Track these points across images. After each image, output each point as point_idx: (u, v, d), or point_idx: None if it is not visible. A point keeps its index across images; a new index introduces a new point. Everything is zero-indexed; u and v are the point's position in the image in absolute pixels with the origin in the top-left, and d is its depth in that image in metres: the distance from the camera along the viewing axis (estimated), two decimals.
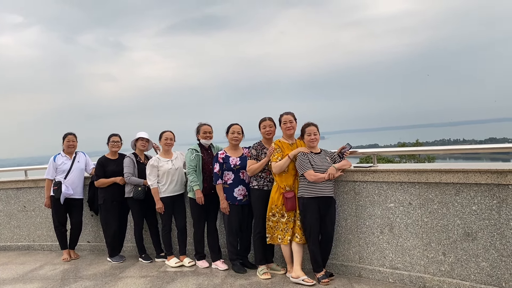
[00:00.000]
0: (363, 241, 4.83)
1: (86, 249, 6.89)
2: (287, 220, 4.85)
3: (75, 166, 6.43)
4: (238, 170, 5.29)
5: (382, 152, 5.49)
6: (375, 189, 4.70)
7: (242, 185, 5.30)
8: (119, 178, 6.02)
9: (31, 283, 5.44)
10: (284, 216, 4.85)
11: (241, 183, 5.30)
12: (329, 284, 4.65)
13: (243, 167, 5.26)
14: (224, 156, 5.31)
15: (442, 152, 5.25)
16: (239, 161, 5.28)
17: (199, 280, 5.10)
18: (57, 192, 6.19)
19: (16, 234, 7.31)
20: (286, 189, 4.84)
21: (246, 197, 5.29)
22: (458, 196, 4.14)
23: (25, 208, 7.23)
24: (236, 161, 5.27)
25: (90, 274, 5.65)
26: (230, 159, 5.29)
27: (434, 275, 4.33)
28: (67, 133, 6.55)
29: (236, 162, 5.27)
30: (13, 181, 7.32)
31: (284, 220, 4.85)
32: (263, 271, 5.06)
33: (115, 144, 6.27)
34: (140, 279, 5.29)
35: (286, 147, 4.95)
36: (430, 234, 4.34)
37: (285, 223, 4.85)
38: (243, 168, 5.26)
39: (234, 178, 5.29)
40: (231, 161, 5.27)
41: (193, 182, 5.41)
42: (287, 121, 4.97)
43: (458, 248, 4.17)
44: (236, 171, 5.28)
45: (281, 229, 4.87)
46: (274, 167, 4.82)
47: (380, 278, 4.69)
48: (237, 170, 5.29)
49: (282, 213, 4.86)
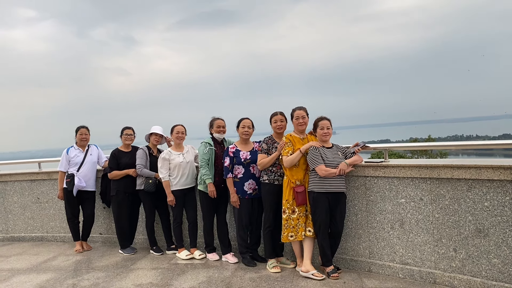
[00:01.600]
0: (373, 236, 4.82)
1: (98, 241, 6.98)
2: (298, 215, 4.83)
3: (88, 159, 6.52)
4: (249, 164, 5.31)
5: (393, 147, 5.45)
6: (386, 184, 4.68)
7: (252, 179, 5.32)
8: (132, 170, 6.09)
9: (45, 273, 5.53)
10: (294, 211, 4.84)
11: (251, 177, 5.32)
12: (339, 279, 4.65)
13: (253, 161, 5.28)
14: (234, 150, 5.34)
15: (454, 147, 5.22)
16: (250, 155, 5.31)
17: (209, 273, 5.14)
18: (70, 185, 6.28)
19: (30, 225, 7.43)
20: (297, 184, 4.83)
21: (256, 191, 5.32)
22: (470, 192, 4.11)
23: (38, 199, 7.34)
24: (246, 155, 5.30)
25: (102, 265, 5.73)
26: (241, 153, 5.31)
27: (445, 271, 4.32)
28: (80, 126, 6.63)
29: (246, 156, 5.29)
30: (27, 173, 7.43)
31: (295, 216, 4.83)
32: (273, 265, 5.09)
33: (128, 137, 6.34)
34: (151, 271, 5.35)
35: (297, 141, 4.93)
36: (441, 230, 4.32)
37: (296, 219, 4.83)
38: (254, 162, 5.28)
39: (244, 172, 5.32)
40: (242, 155, 5.30)
41: (205, 175, 5.46)
42: (299, 116, 4.96)
43: (469, 244, 4.15)
44: (246, 165, 5.31)
45: (292, 226, 4.84)
46: (285, 161, 4.81)
47: (390, 273, 4.68)
48: (248, 164, 5.31)
49: (292, 208, 4.84)
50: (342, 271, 4.88)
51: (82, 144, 6.57)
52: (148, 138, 6.26)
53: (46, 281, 5.19)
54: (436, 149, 27.24)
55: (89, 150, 6.60)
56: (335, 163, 4.67)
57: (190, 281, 4.91)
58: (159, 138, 6.23)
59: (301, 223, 4.84)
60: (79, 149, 6.55)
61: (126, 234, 6.31)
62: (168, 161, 5.73)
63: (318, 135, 4.87)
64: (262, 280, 4.79)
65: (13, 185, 7.49)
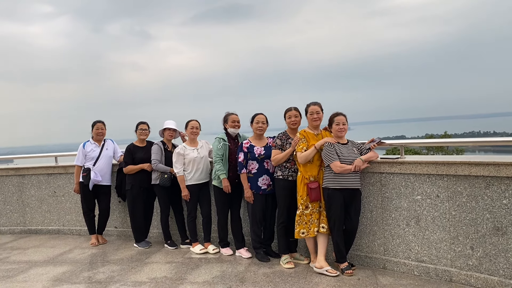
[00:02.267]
0: (388, 233, 4.78)
1: (114, 235, 7.05)
2: (311, 211, 4.81)
3: (104, 153, 6.58)
4: (263, 160, 5.31)
5: (409, 143, 5.39)
6: (402, 181, 4.63)
7: (267, 175, 5.32)
8: (147, 164, 6.13)
9: (61, 266, 5.61)
10: (308, 207, 4.81)
11: (266, 173, 5.31)
12: (353, 275, 4.63)
13: (267, 157, 5.27)
14: (248, 145, 5.33)
15: (471, 144, 5.14)
16: (264, 151, 5.30)
17: (223, 268, 5.16)
18: (86, 179, 6.35)
19: (47, 218, 7.54)
20: (311, 180, 4.80)
21: (271, 186, 5.31)
22: (488, 190, 4.03)
23: (55, 193, 7.44)
24: (260, 151, 5.29)
25: (117, 258, 5.78)
26: (255, 148, 5.30)
27: (461, 269, 4.26)
28: (96, 121, 6.69)
29: (260, 151, 5.29)
30: (44, 167, 7.53)
31: (308, 211, 4.81)
32: (286, 260, 5.08)
33: (143, 132, 6.37)
34: (165, 265, 5.38)
35: (312, 137, 4.89)
36: (458, 227, 4.26)
37: (309, 215, 4.82)
38: (268, 158, 5.27)
39: (258, 167, 5.31)
40: (256, 150, 5.29)
41: (219, 171, 5.47)
42: (313, 112, 4.90)
43: (487, 242, 4.08)
44: (260, 160, 5.30)
45: (305, 222, 4.83)
46: (300, 157, 4.78)
47: (405, 270, 4.64)
48: (262, 160, 5.30)
49: (306, 204, 4.82)
50: (356, 267, 4.85)
51: (98, 138, 6.64)
52: (162, 133, 6.29)
53: (62, 274, 5.27)
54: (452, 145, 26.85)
55: (105, 144, 6.66)
56: (350, 160, 4.62)
57: (204, 275, 4.93)
58: (173, 132, 6.26)
59: (314, 219, 4.82)
60: (95, 144, 6.61)
61: (141, 228, 6.35)
62: (182, 156, 5.75)
63: (333, 130, 4.82)
64: (275, 275, 4.78)
65: (31, 178, 7.60)
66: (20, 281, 5.10)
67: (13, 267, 5.65)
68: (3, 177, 7.75)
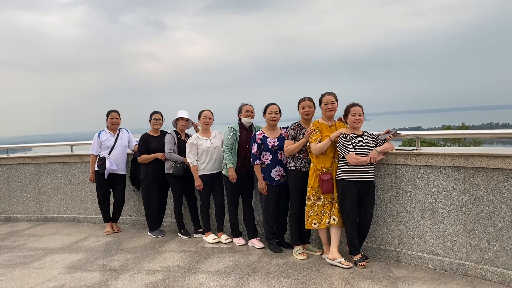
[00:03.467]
0: (402, 226, 4.72)
1: (128, 223, 7.12)
2: (324, 202, 4.80)
3: (119, 143, 6.62)
4: (276, 151, 5.28)
5: (426, 134, 5.30)
6: (417, 173, 4.55)
7: (280, 166, 5.29)
8: (161, 154, 6.15)
9: (76, 253, 5.69)
10: (320, 199, 4.80)
11: (279, 164, 5.28)
12: (366, 267, 4.59)
13: (280, 148, 5.24)
14: (262, 136, 5.29)
15: (489, 136, 5.02)
16: (277, 142, 5.26)
17: (236, 257, 5.17)
18: (102, 168, 6.40)
19: (62, 206, 7.64)
20: (323, 171, 4.75)
21: (284, 177, 5.27)
22: (507, 183, 3.94)
23: (71, 182, 7.53)
24: (274, 142, 5.25)
25: (131, 247, 5.84)
26: (268, 139, 5.27)
27: (477, 263, 4.18)
28: (111, 110, 6.73)
29: (274, 142, 5.25)
30: (60, 156, 7.62)
31: (320, 203, 4.80)
32: (299, 251, 5.06)
33: (156, 122, 6.40)
34: (178, 254, 5.42)
35: (325, 128, 4.84)
36: (475, 221, 4.18)
37: (321, 206, 4.80)
38: (281, 149, 5.23)
39: (272, 158, 5.28)
40: (269, 141, 5.25)
41: (227, 159, 5.48)
42: (328, 102, 4.83)
43: (504, 236, 3.99)
44: (274, 151, 5.27)
45: (317, 213, 4.82)
46: (314, 148, 4.73)
47: (419, 263, 4.58)
48: (275, 151, 5.27)
49: (318, 195, 4.80)
50: (370, 260, 4.81)
51: (113, 128, 6.68)
52: (175, 123, 6.29)
53: (77, 261, 5.34)
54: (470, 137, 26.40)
55: (120, 134, 6.70)
56: (366, 151, 4.56)
57: (217, 264, 4.95)
58: (186, 122, 6.26)
59: (325, 210, 4.80)
60: (110, 133, 6.66)
61: (155, 217, 6.39)
62: (196, 146, 5.75)
63: (349, 121, 4.74)
64: (288, 266, 4.77)
65: (47, 167, 7.70)
66: (36, 267, 5.19)
67: (30, 254, 5.75)
68: (20, 165, 7.87)
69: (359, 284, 4.20)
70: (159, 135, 6.39)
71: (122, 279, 4.66)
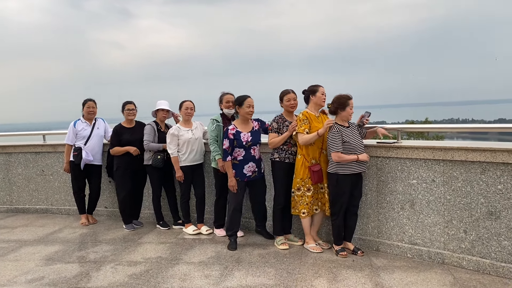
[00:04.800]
0: (382, 216, 4.86)
1: (104, 215, 7.00)
2: (313, 193, 4.88)
3: (95, 133, 6.47)
4: (250, 147, 5.12)
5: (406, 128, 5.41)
6: (398, 165, 4.69)
7: (252, 162, 5.15)
8: (133, 149, 6.01)
9: (53, 245, 5.55)
10: (310, 189, 4.86)
11: (252, 160, 5.14)
12: (347, 257, 4.70)
13: (254, 143, 5.12)
14: (235, 131, 5.05)
15: (455, 130, 5.25)
16: (251, 137, 5.08)
17: (218, 248, 5.18)
18: (77, 158, 6.25)
19: (34, 197, 7.42)
20: (312, 162, 4.83)
21: (256, 173, 5.20)
22: (484, 175, 4.12)
23: (43, 172, 7.31)
24: (247, 137, 5.05)
25: (109, 238, 5.75)
26: (242, 135, 5.04)
27: (454, 252, 4.37)
28: (87, 99, 6.54)
29: (247, 138, 5.05)
30: (31, 145, 7.37)
31: (310, 193, 4.87)
32: (281, 242, 5.12)
33: (130, 112, 6.16)
34: (159, 245, 5.38)
35: (314, 119, 4.88)
36: (452, 211, 4.35)
37: (311, 196, 4.88)
38: (255, 144, 5.13)
39: (244, 154, 5.11)
40: (243, 137, 5.04)
41: (215, 152, 5.43)
42: (324, 93, 4.92)
43: (480, 226, 4.18)
44: (247, 147, 5.12)
45: (307, 202, 4.88)
46: (301, 139, 4.77)
47: (398, 252, 4.73)
48: (249, 147, 5.12)
49: (308, 186, 4.86)
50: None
51: (89, 117, 6.50)
52: (155, 114, 6.17)
53: (54, 253, 5.22)
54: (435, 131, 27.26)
55: (96, 123, 6.54)
56: (355, 143, 4.62)
57: (199, 255, 4.95)
58: (166, 113, 6.16)
59: (314, 200, 4.93)
60: (86, 123, 6.49)
61: (128, 210, 6.25)
62: (177, 137, 5.68)
63: (346, 113, 4.69)
64: (270, 256, 4.83)
65: (17, 156, 7.44)
66: (11, 260, 5.04)
67: (3, 246, 5.58)
68: None
69: (342, 273, 4.31)
70: (133, 126, 6.21)
71: (104, 270, 4.60)
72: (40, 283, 4.32)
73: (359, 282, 4.07)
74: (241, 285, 4.10)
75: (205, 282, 4.20)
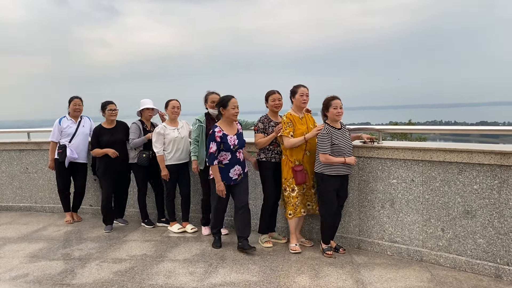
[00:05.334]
0: (363, 215, 4.98)
1: (89, 213, 7.00)
2: (297, 193, 4.91)
3: (80, 130, 6.44)
4: (236, 150, 4.97)
5: (388, 129, 5.56)
6: (379, 165, 4.81)
7: (238, 165, 5.00)
8: (111, 151, 5.93)
9: (37, 242, 5.55)
10: (294, 190, 4.90)
11: (238, 163, 5.00)
12: (332, 257, 4.77)
13: (241, 146, 5.01)
14: (221, 134, 4.84)
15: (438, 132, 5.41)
16: (237, 140, 4.94)
17: (203, 246, 5.25)
18: (62, 156, 6.24)
19: (18, 195, 7.38)
20: (296, 163, 4.86)
21: (241, 175, 5.05)
22: (461, 175, 4.27)
23: (27, 170, 7.28)
24: (234, 141, 4.90)
25: (94, 236, 5.77)
26: (228, 138, 4.86)
27: (432, 249, 4.51)
28: (74, 97, 6.52)
29: (234, 141, 4.90)
30: (15, 143, 7.33)
31: (294, 194, 4.90)
32: (265, 239, 5.21)
33: (113, 113, 6.06)
34: (144, 243, 5.42)
35: (297, 121, 4.91)
36: (431, 210, 4.49)
37: (295, 197, 4.90)
38: (241, 147, 5.01)
39: (231, 158, 4.94)
40: (230, 140, 4.86)
41: (191, 152, 5.50)
42: (304, 93, 4.90)
43: (457, 225, 4.33)
44: (234, 151, 4.96)
45: (292, 203, 4.91)
46: (287, 142, 4.81)
47: (378, 250, 4.86)
48: (235, 150, 4.97)
49: (292, 187, 4.90)
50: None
51: (75, 115, 6.48)
52: (140, 113, 6.15)
53: (38, 250, 5.22)
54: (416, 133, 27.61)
55: (81, 121, 6.51)
56: (345, 145, 4.64)
57: (184, 253, 5.01)
58: (152, 111, 6.17)
59: (300, 200, 4.93)
60: (72, 120, 6.46)
61: (107, 211, 6.10)
62: (163, 136, 5.71)
63: (330, 114, 4.69)
64: (254, 254, 4.91)
65: (1, 154, 7.40)
66: None
67: None
68: None
69: (324, 270, 4.42)
70: (114, 126, 6.12)
71: (89, 267, 4.63)
72: (25, 280, 4.33)
73: (340, 278, 4.19)
74: (225, 281, 4.18)
75: (190, 278, 4.27)
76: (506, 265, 4.06)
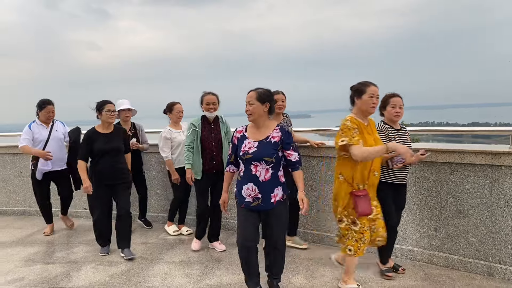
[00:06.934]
0: None
1: (83, 216, 6.97)
2: (362, 229, 3.67)
3: (53, 135, 5.77)
4: (249, 161, 3.54)
5: None
6: None
7: (253, 183, 3.54)
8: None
9: (32, 246, 5.54)
10: (356, 223, 3.69)
11: (251, 180, 3.54)
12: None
13: (258, 158, 3.49)
14: (240, 135, 3.69)
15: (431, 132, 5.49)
16: (255, 149, 3.52)
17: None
18: (35, 167, 5.75)
19: (12, 199, 7.36)
20: (359, 188, 3.68)
21: (258, 201, 3.56)
22: (453, 175, 4.33)
23: (21, 173, 7.26)
24: (250, 147, 3.54)
25: (89, 239, 5.75)
26: (245, 142, 3.60)
27: (425, 249, 4.57)
28: (46, 102, 5.74)
29: (249, 148, 3.54)
30: (9, 147, 7.29)
31: (357, 228, 3.68)
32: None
33: (112, 114, 5.00)
34: (140, 246, 5.44)
35: (364, 129, 3.69)
36: (424, 210, 4.55)
37: (359, 233, 3.68)
38: (257, 160, 3.50)
39: (244, 170, 3.60)
40: (244, 145, 3.58)
41: (185, 159, 4.99)
42: (374, 94, 3.65)
43: (449, 224, 4.40)
44: (246, 160, 3.56)
45: (356, 239, 3.69)
46: (361, 152, 3.48)
47: (372, 250, 4.90)
48: (248, 160, 3.55)
49: (352, 219, 3.69)
50: (327, 247, 5.05)
51: (47, 121, 5.80)
52: (118, 115, 5.60)
53: (34, 254, 5.22)
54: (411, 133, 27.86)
55: (54, 126, 5.83)
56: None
57: (180, 255, 5.03)
58: (128, 112, 5.89)
59: (366, 238, 3.69)
60: (42, 125, 5.76)
61: (102, 230, 5.26)
62: (170, 140, 5.62)
63: (387, 114, 4.08)
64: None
65: None
66: None
67: None
68: None
69: (319, 270, 4.46)
70: (110, 132, 5.07)
71: (85, 270, 4.64)
72: (21, 283, 4.33)
73: (336, 278, 4.23)
74: (221, 283, 4.21)
75: (186, 280, 4.30)
76: (498, 263, 4.13)
